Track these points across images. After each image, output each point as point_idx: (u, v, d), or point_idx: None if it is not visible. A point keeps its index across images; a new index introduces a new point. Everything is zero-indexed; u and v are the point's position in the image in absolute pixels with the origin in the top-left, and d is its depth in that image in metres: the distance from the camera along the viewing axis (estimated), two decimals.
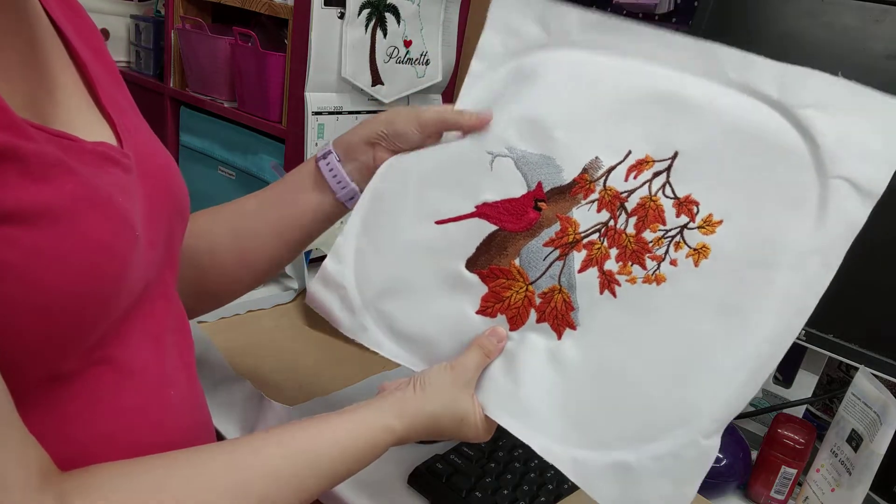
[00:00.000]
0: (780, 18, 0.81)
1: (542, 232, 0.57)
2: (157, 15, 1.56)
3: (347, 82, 1.15)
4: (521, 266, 0.58)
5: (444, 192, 0.60)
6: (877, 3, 0.75)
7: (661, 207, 0.55)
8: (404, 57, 1.22)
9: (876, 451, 0.67)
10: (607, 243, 0.56)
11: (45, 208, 0.36)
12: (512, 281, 0.58)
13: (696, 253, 0.54)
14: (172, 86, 1.41)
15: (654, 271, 0.55)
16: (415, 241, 0.61)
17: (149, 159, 0.50)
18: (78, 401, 0.42)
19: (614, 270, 0.56)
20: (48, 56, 0.45)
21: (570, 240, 0.57)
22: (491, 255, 0.59)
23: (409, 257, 0.61)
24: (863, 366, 0.74)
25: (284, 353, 0.91)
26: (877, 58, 0.75)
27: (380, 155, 0.63)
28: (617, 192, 0.56)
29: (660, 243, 0.55)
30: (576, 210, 0.57)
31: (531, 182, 0.58)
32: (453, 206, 0.60)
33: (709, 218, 0.54)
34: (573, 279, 0.57)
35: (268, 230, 0.66)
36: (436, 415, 0.55)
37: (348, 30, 1.12)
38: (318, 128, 1.15)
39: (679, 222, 0.55)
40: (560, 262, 0.57)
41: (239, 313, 0.99)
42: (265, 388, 0.78)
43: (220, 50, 1.27)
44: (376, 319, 0.62)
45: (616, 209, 0.56)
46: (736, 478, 0.77)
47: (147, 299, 0.49)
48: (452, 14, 1.28)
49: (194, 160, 1.40)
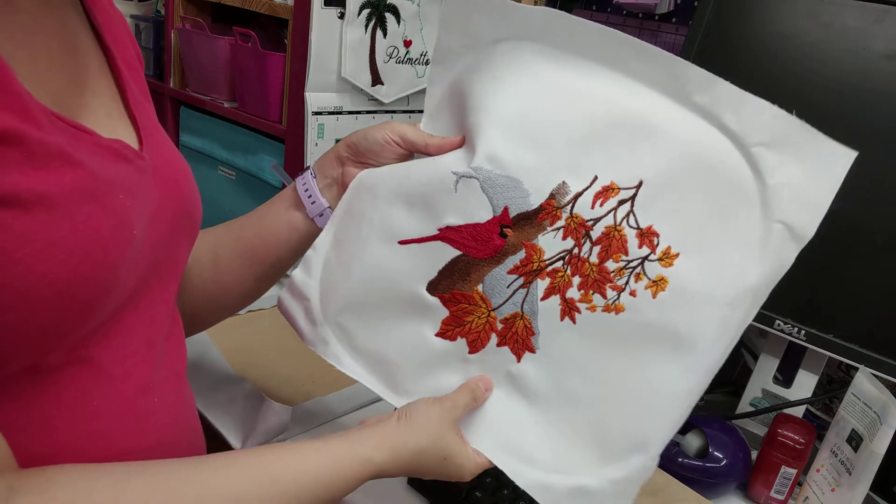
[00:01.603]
0: (780, 18, 0.81)
1: (506, 259, 0.56)
2: (157, 15, 1.56)
3: (347, 82, 1.15)
4: (485, 293, 0.57)
5: (408, 211, 0.59)
6: (877, 3, 0.75)
7: (624, 238, 0.55)
8: (404, 57, 1.22)
9: (876, 451, 0.67)
10: (570, 271, 0.56)
11: (41, 195, 0.37)
12: (474, 307, 0.57)
13: (655, 285, 0.55)
14: (172, 86, 1.41)
15: (614, 301, 0.55)
16: (378, 260, 0.59)
17: (166, 164, 0.51)
18: (54, 397, 0.42)
19: (576, 298, 0.56)
20: (84, 61, 0.47)
21: (534, 267, 0.56)
22: (453, 279, 0.57)
23: (371, 275, 0.60)
24: (863, 366, 0.74)
25: (284, 353, 0.91)
26: (877, 58, 0.75)
27: (348, 170, 0.63)
28: (583, 219, 0.55)
29: (621, 273, 0.55)
30: (541, 237, 0.56)
31: (497, 206, 0.56)
32: (417, 227, 0.58)
33: (667, 250, 0.55)
34: (535, 306, 0.56)
35: (242, 249, 0.65)
36: (420, 449, 0.53)
37: (348, 30, 1.12)
38: (318, 128, 1.15)
39: (640, 253, 0.55)
40: (524, 290, 0.56)
41: (239, 313, 0.99)
42: (265, 388, 0.78)
43: (220, 50, 1.27)
44: (337, 334, 0.61)
45: (581, 237, 0.55)
46: (736, 478, 0.77)
47: (145, 303, 0.49)
48: None
49: (194, 160, 1.40)
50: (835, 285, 0.79)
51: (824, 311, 0.79)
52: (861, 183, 0.75)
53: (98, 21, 0.50)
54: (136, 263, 0.45)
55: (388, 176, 0.61)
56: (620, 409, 0.55)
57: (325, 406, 0.79)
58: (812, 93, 0.78)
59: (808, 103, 0.78)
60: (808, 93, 0.79)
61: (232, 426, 0.73)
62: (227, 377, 0.81)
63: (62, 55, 0.45)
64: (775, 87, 0.80)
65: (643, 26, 1.19)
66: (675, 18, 1.16)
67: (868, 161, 0.75)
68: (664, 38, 1.17)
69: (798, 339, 0.80)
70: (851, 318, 0.77)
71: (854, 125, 0.76)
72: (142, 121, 0.50)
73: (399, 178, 0.60)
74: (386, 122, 0.63)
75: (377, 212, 0.60)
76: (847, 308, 0.77)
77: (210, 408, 0.75)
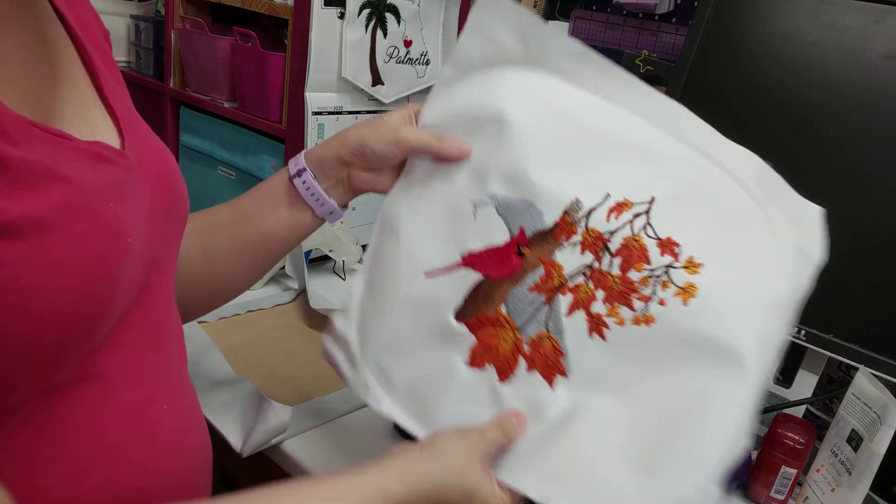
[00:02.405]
0: (780, 18, 0.81)
1: (526, 277, 0.56)
2: (157, 15, 1.56)
3: (347, 82, 1.15)
4: (508, 313, 0.57)
5: (431, 244, 0.59)
6: (877, 3, 0.75)
7: (644, 247, 0.54)
8: (404, 57, 1.22)
9: (876, 451, 0.67)
10: (593, 285, 0.55)
11: (33, 219, 0.35)
12: (499, 329, 0.57)
13: (684, 292, 0.53)
14: (172, 86, 1.41)
15: (643, 312, 0.53)
16: (407, 296, 0.60)
17: (151, 157, 0.49)
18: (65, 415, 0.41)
19: (602, 312, 0.54)
20: (57, 50, 0.45)
21: (555, 284, 0.56)
22: (478, 304, 0.58)
23: (402, 312, 0.60)
24: (863, 366, 0.74)
25: (284, 353, 0.91)
26: (877, 58, 0.75)
27: (354, 174, 0.62)
28: (599, 232, 0.55)
29: (646, 283, 0.53)
30: (559, 253, 0.56)
31: (513, 228, 0.57)
32: (441, 258, 0.59)
33: (690, 259, 0.53)
34: (560, 324, 0.55)
35: (241, 245, 0.64)
36: (443, 482, 0.50)
37: (348, 30, 1.12)
38: (318, 128, 1.15)
39: (663, 261, 0.54)
40: (546, 307, 0.56)
41: (239, 313, 0.99)
42: (265, 388, 0.78)
43: (220, 50, 1.27)
44: (376, 375, 0.60)
45: (600, 250, 0.55)
46: (736, 478, 0.77)
47: (148, 307, 0.48)
48: (452, 14, 1.28)
49: (194, 160, 1.40)
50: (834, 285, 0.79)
51: (824, 311, 0.79)
52: (861, 183, 0.75)
53: (60, 4, 0.47)
54: (136, 270, 0.44)
55: (407, 211, 0.61)
56: (665, 427, 0.51)
57: (325, 406, 0.79)
58: (812, 93, 0.78)
59: (808, 103, 0.78)
60: (808, 93, 0.78)
61: (232, 426, 0.73)
62: (227, 377, 0.81)
63: (34, 47, 0.42)
64: (775, 87, 0.80)
65: (643, 26, 1.19)
66: (675, 18, 1.16)
67: (868, 161, 0.75)
68: (664, 38, 1.17)
69: (798, 339, 0.80)
70: (851, 318, 0.77)
71: (854, 125, 0.75)
72: (119, 110, 0.48)
73: (418, 214, 0.60)
74: (383, 122, 0.61)
75: (401, 250, 0.60)
76: (847, 308, 0.77)
77: (210, 408, 0.75)
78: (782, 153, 0.79)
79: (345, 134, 0.62)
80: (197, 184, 1.37)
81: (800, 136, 0.78)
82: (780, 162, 0.57)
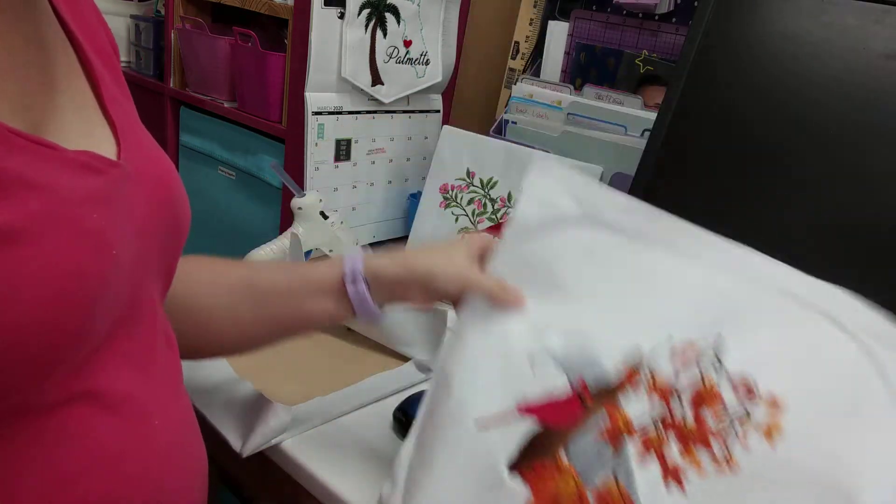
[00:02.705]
0: (780, 18, 0.81)
1: (590, 427, 0.52)
2: (157, 15, 1.56)
3: (347, 82, 1.15)
4: (571, 463, 0.52)
5: (484, 392, 0.56)
6: (877, 3, 0.75)
7: (716, 390, 0.50)
8: (404, 57, 1.22)
9: None
10: (664, 431, 0.50)
11: (6, 230, 0.34)
12: (560, 479, 0.52)
13: (769, 433, 0.48)
14: (172, 86, 1.41)
15: (725, 457, 0.48)
16: (456, 448, 0.55)
17: (149, 166, 0.48)
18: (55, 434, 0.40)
19: (678, 461, 0.49)
20: (52, 55, 0.44)
21: (622, 430, 0.51)
22: (536, 454, 0.53)
23: (451, 466, 0.55)
24: None
25: (284, 353, 0.90)
26: (877, 58, 0.75)
27: (410, 294, 0.62)
28: (664, 378, 0.52)
29: (723, 426, 0.49)
30: (623, 399, 0.52)
31: (573, 379, 0.54)
32: (495, 405, 0.55)
33: (771, 393, 0.49)
34: (631, 475, 0.50)
35: (274, 323, 0.65)
36: None
37: (348, 30, 1.12)
38: (318, 128, 1.15)
39: (741, 401, 0.49)
40: (615, 458, 0.51)
41: None
42: (265, 388, 0.78)
43: (220, 50, 1.27)
44: None
45: (669, 395, 0.51)
46: None
47: (138, 322, 0.46)
48: (452, 14, 1.28)
49: (194, 160, 1.40)
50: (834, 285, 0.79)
51: None
52: (861, 182, 0.75)
53: (62, 7, 0.46)
54: (123, 282, 0.42)
55: (460, 364, 0.59)
56: None
57: (325, 406, 0.79)
58: (812, 92, 0.78)
59: (809, 103, 0.78)
60: (808, 93, 0.79)
61: (232, 426, 0.73)
62: (227, 377, 0.81)
63: (26, 51, 0.41)
64: (775, 87, 0.80)
65: (643, 26, 1.19)
66: (675, 18, 1.16)
67: (868, 161, 0.75)
68: (664, 38, 1.17)
69: None
70: None
71: (854, 125, 0.76)
72: (118, 118, 0.47)
73: (471, 365, 0.58)
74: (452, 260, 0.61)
75: (452, 400, 0.57)
76: None
77: (210, 408, 0.75)
78: (782, 153, 0.80)
79: (412, 262, 0.62)
80: (197, 184, 1.38)
81: (800, 136, 0.78)
82: (780, 162, 0.57)
